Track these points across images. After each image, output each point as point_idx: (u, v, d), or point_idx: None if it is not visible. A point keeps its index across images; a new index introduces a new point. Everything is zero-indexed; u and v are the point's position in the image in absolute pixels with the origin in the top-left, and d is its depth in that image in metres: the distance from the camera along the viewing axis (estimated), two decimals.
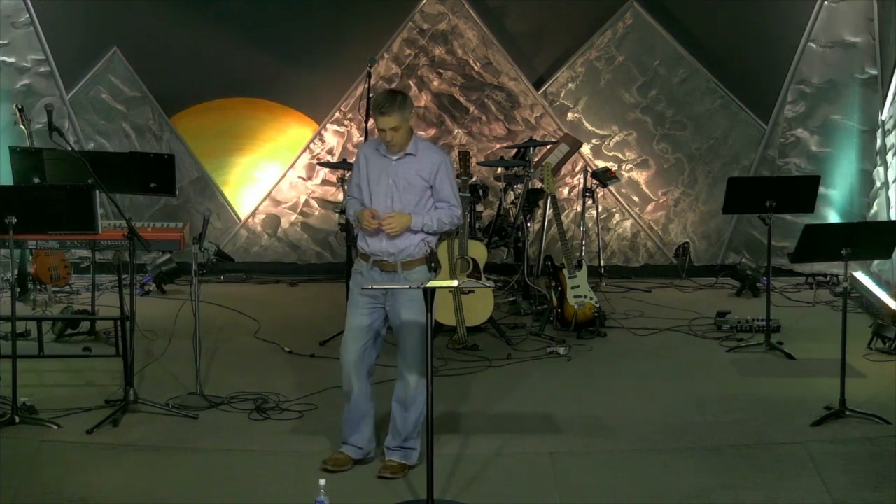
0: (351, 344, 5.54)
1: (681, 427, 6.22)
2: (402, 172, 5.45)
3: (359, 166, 5.58)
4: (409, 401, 5.54)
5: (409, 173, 5.46)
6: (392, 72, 9.75)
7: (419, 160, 5.47)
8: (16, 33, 9.43)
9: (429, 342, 5.12)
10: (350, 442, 5.65)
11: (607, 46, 9.73)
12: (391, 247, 5.45)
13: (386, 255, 5.46)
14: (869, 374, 7.06)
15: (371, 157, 5.53)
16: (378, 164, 5.50)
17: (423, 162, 5.47)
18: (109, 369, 6.86)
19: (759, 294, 9.01)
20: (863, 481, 5.48)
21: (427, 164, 5.47)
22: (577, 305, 8.01)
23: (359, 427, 5.63)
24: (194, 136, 9.78)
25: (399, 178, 5.45)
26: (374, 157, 5.52)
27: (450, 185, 5.54)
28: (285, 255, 9.97)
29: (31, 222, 6.10)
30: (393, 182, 5.44)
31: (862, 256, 7.20)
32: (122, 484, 5.45)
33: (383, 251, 5.46)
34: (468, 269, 7.89)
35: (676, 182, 9.90)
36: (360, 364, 5.55)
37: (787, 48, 9.58)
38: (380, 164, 5.49)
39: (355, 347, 5.53)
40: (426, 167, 5.47)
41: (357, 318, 5.53)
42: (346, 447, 5.65)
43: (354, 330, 5.54)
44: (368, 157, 5.54)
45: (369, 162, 5.53)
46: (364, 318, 5.52)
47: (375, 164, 5.51)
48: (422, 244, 5.49)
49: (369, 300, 5.50)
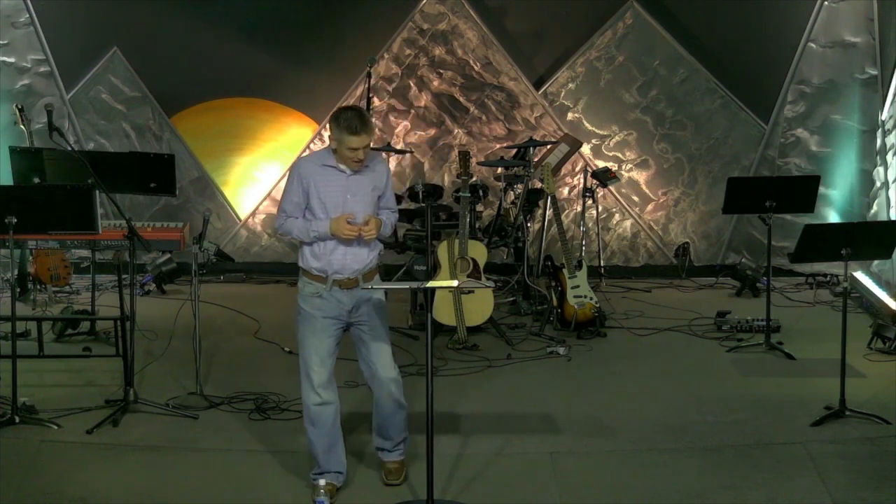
0: (320, 368, 5.32)
1: (681, 427, 6.22)
2: (359, 186, 5.33)
3: (300, 185, 5.30)
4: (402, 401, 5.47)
5: (366, 186, 5.35)
6: (392, 72, 9.76)
7: (371, 171, 5.38)
8: (16, 33, 9.43)
9: (429, 342, 5.12)
10: (332, 469, 5.41)
11: (607, 46, 9.73)
12: (355, 262, 5.32)
13: (350, 271, 5.32)
14: (869, 374, 7.06)
15: (315, 173, 5.30)
16: (327, 179, 5.29)
17: (375, 172, 5.40)
18: (109, 369, 6.86)
19: (759, 294, 9.02)
20: (863, 481, 5.48)
21: (379, 174, 5.42)
22: (577, 305, 8.01)
23: (335, 451, 5.42)
24: (194, 136, 9.79)
25: (357, 192, 5.32)
26: (320, 173, 5.30)
27: (392, 191, 5.54)
28: (285, 255, 9.97)
29: (31, 222, 6.10)
30: (351, 197, 5.31)
31: (862, 256, 7.19)
32: (122, 484, 5.45)
33: (347, 268, 5.32)
34: (468, 269, 7.89)
35: (676, 182, 9.90)
36: (330, 385, 5.37)
37: (787, 48, 9.58)
38: (331, 180, 5.31)
39: (325, 370, 5.35)
40: (379, 177, 5.42)
41: (325, 342, 5.34)
42: (329, 475, 5.38)
43: (323, 353, 5.34)
44: (315, 176, 5.31)
45: (314, 178, 5.29)
46: (332, 340, 5.36)
47: (324, 179, 5.29)
48: (377, 253, 5.44)
49: (334, 321, 5.35)
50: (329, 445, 5.39)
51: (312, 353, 5.35)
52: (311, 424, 5.38)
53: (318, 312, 5.34)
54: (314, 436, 5.39)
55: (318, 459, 5.41)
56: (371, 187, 5.37)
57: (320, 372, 5.34)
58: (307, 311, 5.37)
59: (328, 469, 5.40)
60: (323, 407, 5.34)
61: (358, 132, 5.18)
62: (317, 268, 5.33)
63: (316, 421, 5.36)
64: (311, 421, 5.37)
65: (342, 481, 5.45)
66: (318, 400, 5.33)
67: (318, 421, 5.36)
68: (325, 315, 5.33)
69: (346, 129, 5.18)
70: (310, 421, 5.38)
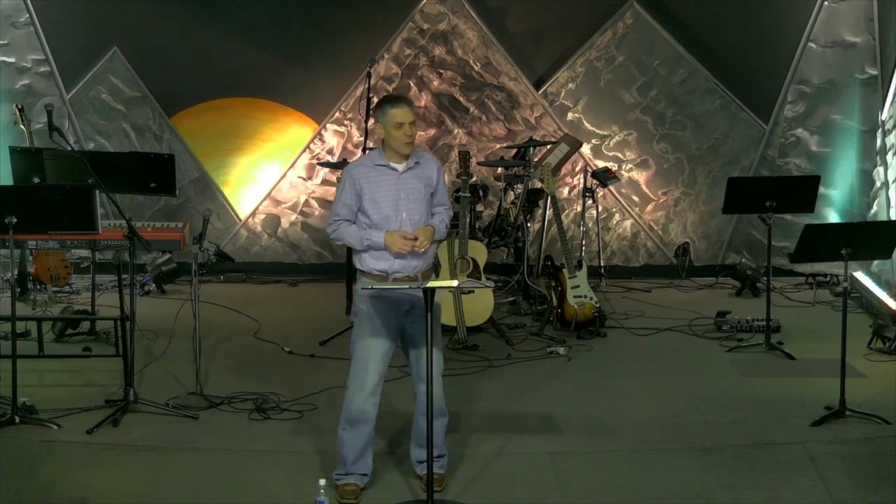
0: (372, 370, 5.30)
1: (681, 427, 6.22)
2: (411, 184, 5.33)
3: (353, 188, 5.29)
4: (440, 411, 5.45)
5: (418, 183, 5.34)
6: (392, 72, 9.75)
7: (423, 169, 5.38)
8: (16, 33, 9.43)
9: (429, 342, 5.12)
10: (356, 471, 5.39)
11: (607, 46, 9.73)
12: (414, 259, 5.31)
13: (410, 269, 5.31)
14: (869, 374, 7.06)
15: (370, 175, 5.30)
16: (379, 179, 5.30)
17: (426, 170, 5.39)
18: (109, 369, 6.86)
19: (759, 294, 9.01)
20: (863, 481, 5.48)
21: (430, 171, 5.41)
22: (577, 305, 8.01)
23: (364, 454, 5.40)
24: (194, 136, 9.78)
25: (409, 189, 5.32)
26: (374, 175, 5.31)
27: (445, 189, 5.55)
28: (285, 255, 9.98)
29: (31, 222, 6.10)
30: (405, 195, 5.31)
31: (862, 256, 7.19)
32: (122, 484, 5.45)
33: (407, 266, 5.31)
34: (468, 269, 7.89)
35: (676, 182, 9.90)
36: (377, 390, 5.35)
37: (787, 48, 9.58)
38: (382, 180, 5.31)
39: (376, 374, 5.32)
40: (430, 175, 5.40)
41: (380, 344, 5.31)
42: (352, 476, 5.38)
43: (377, 355, 5.30)
44: (367, 177, 5.31)
45: (366, 180, 5.29)
46: (386, 343, 5.33)
47: (375, 180, 5.30)
48: (433, 255, 5.46)
49: (389, 325, 5.33)
50: (362, 448, 5.37)
51: (365, 354, 5.32)
52: (348, 425, 5.35)
53: (375, 313, 5.31)
54: (349, 438, 5.36)
55: (346, 461, 5.38)
56: (423, 184, 5.36)
57: (372, 374, 5.30)
58: (365, 312, 5.33)
59: (354, 471, 5.38)
60: (366, 412, 5.31)
61: (400, 103, 5.25)
62: (378, 269, 5.32)
63: (356, 424, 5.33)
64: (350, 422, 5.35)
65: (366, 482, 5.42)
66: (362, 404, 5.30)
67: (357, 424, 5.33)
68: (383, 316, 5.31)
69: (388, 105, 5.26)
70: (348, 422, 5.35)
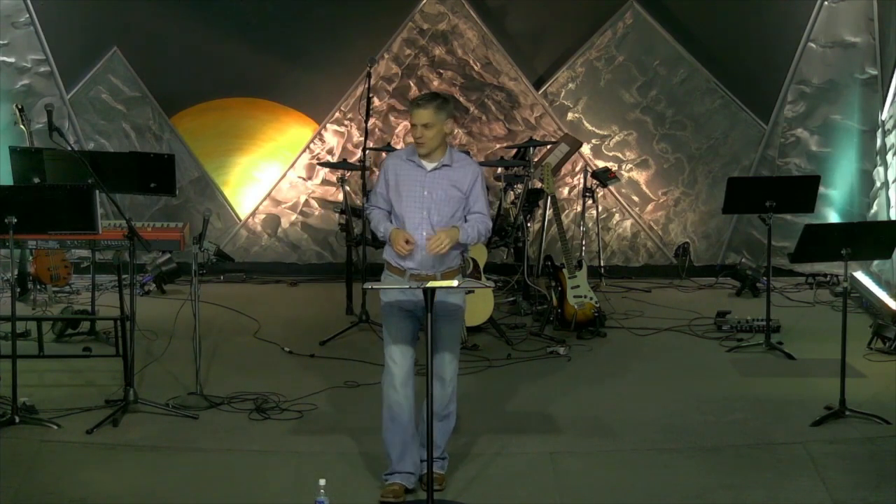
0: (401, 360, 5.31)
1: (681, 427, 6.22)
2: (438, 183, 5.31)
3: (386, 178, 5.35)
4: (446, 411, 5.45)
5: (446, 184, 5.31)
6: (392, 72, 9.75)
7: (455, 171, 5.33)
8: (16, 33, 9.43)
9: (429, 342, 5.11)
10: (401, 469, 5.33)
11: (607, 46, 9.73)
12: (432, 259, 5.29)
13: (426, 267, 5.30)
14: (869, 374, 7.06)
15: (401, 167, 5.33)
16: (410, 174, 5.32)
17: (458, 173, 5.33)
18: (109, 369, 6.86)
19: (759, 294, 9.01)
20: (863, 481, 5.48)
21: (463, 175, 5.34)
22: (577, 305, 8.01)
23: (409, 450, 5.35)
24: (194, 136, 9.78)
25: (435, 189, 5.31)
26: (404, 168, 5.33)
27: (484, 198, 5.43)
28: (285, 255, 9.97)
29: (31, 222, 6.09)
30: (429, 193, 5.31)
31: (862, 256, 7.20)
32: (122, 484, 5.45)
33: (424, 265, 5.31)
34: (468, 269, 7.88)
35: (676, 182, 9.90)
36: (409, 377, 5.35)
37: (787, 48, 9.58)
38: (412, 175, 5.33)
39: (406, 363, 5.32)
40: (463, 179, 5.33)
41: (404, 331, 5.31)
42: (398, 476, 5.32)
43: (403, 344, 5.32)
44: (398, 168, 5.34)
45: (399, 173, 5.33)
46: (410, 330, 5.33)
47: (407, 174, 5.32)
48: (458, 255, 5.42)
49: (410, 313, 5.33)
50: (404, 444, 5.35)
51: (391, 344, 5.34)
52: (389, 421, 5.36)
53: (396, 303, 5.33)
54: (391, 434, 5.36)
55: (392, 458, 5.37)
56: (451, 186, 5.31)
57: (401, 364, 5.32)
58: (386, 303, 5.37)
59: (400, 469, 5.35)
60: (402, 404, 5.32)
61: (419, 105, 5.24)
62: (397, 262, 5.35)
63: (395, 417, 5.34)
64: (390, 417, 5.36)
65: (414, 483, 5.37)
66: (397, 396, 5.32)
67: (397, 417, 5.34)
68: (403, 307, 5.32)
69: (411, 103, 5.29)
70: (389, 417, 5.36)
